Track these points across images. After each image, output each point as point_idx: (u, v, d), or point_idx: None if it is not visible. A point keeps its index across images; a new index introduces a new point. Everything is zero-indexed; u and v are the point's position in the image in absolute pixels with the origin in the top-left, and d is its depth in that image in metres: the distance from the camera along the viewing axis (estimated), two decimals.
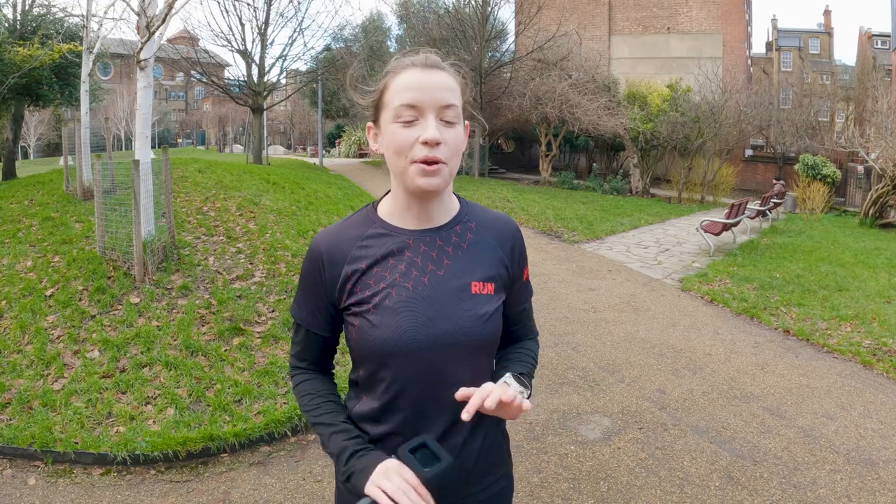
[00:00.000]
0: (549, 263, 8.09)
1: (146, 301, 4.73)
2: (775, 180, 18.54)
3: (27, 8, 12.72)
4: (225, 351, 4.24)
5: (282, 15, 22.24)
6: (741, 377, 4.40)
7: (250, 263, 5.76)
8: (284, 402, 3.67)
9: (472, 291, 1.07)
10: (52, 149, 35.16)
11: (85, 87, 8.27)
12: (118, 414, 3.44)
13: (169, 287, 5.00)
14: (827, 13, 35.69)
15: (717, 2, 23.89)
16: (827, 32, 34.91)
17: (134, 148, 5.95)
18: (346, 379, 1.21)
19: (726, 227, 9.47)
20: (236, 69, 29.61)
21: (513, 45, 22.01)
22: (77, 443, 3.15)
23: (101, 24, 9.92)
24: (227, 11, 21.86)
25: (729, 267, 7.96)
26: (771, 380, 4.37)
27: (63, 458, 3.10)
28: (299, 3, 24.70)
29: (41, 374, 3.83)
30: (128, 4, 5.61)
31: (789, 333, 5.43)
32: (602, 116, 17.07)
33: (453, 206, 1.14)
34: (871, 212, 14.23)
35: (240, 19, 19.71)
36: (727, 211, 9.59)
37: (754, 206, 12.81)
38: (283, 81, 23.23)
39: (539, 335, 1.30)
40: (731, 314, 6.06)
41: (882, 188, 14.05)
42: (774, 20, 34.96)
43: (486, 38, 19.22)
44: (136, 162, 5.10)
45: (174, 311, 4.68)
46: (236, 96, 20.92)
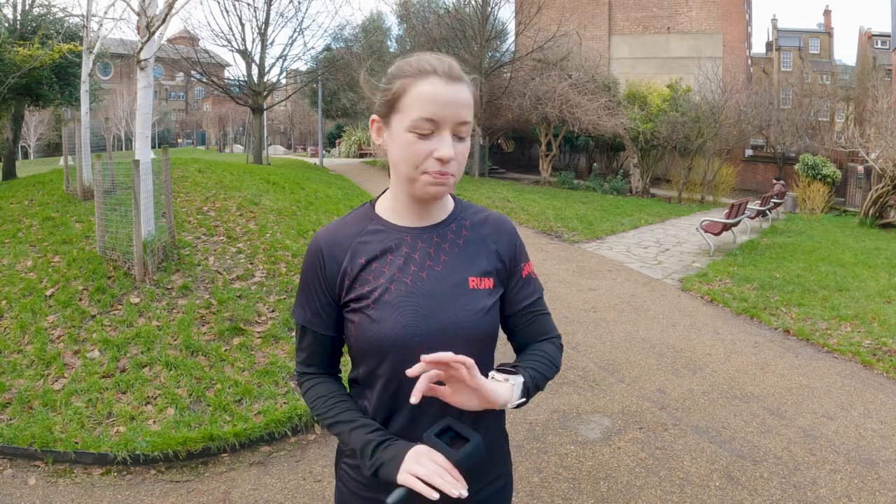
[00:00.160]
0: (549, 263, 8.09)
1: (146, 301, 4.73)
2: (775, 180, 18.55)
3: (27, 8, 12.72)
4: (225, 351, 4.24)
5: (282, 15, 22.27)
6: (741, 377, 4.40)
7: (250, 263, 5.77)
8: (285, 402, 3.67)
9: (470, 286, 1.08)
10: (52, 149, 35.17)
11: (85, 87, 8.27)
12: (118, 414, 3.44)
13: (169, 287, 5.00)
14: (827, 13, 35.70)
15: (717, 2, 23.90)
16: (827, 32, 34.91)
17: (134, 148, 5.95)
18: (347, 380, 1.21)
19: (726, 227, 9.47)
20: (236, 69, 29.65)
21: (513, 45, 22.02)
22: (77, 443, 3.15)
23: (101, 24, 9.95)
24: (227, 11, 21.87)
25: (729, 267, 7.96)
26: (771, 380, 4.37)
27: (63, 457, 3.10)
28: (299, 3, 24.73)
29: (41, 373, 3.83)
30: (128, 4, 5.61)
31: (789, 333, 5.43)
32: (602, 116, 17.08)
33: (448, 205, 1.16)
34: (871, 212, 14.23)
35: (240, 19, 19.73)
36: (727, 211, 9.59)
37: (754, 206, 12.81)
38: (283, 81, 23.23)
39: (561, 337, 1.23)
40: (731, 314, 6.06)
41: (882, 188, 14.06)
42: (774, 20, 34.99)
43: (487, 37, 19.22)
44: (137, 162, 5.10)
45: (174, 311, 4.68)
46: (236, 96, 20.92)
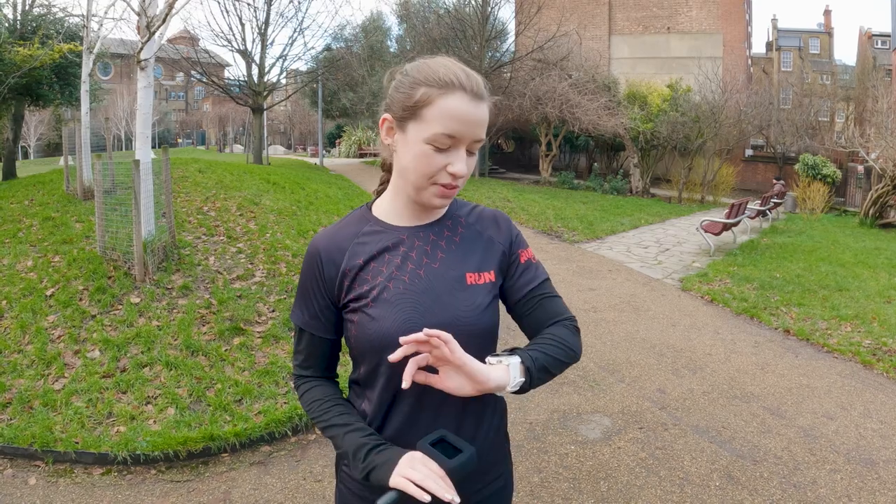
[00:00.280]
0: (549, 263, 8.09)
1: (146, 301, 4.73)
2: (775, 180, 18.55)
3: (27, 8, 12.72)
4: (225, 351, 4.24)
5: (282, 15, 22.31)
6: (741, 377, 4.40)
7: (251, 263, 5.77)
8: (285, 402, 3.67)
9: (468, 282, 1.09)
10: (52, 149, 35.17)
11: (85, 87, 8.27)
12: (119, 414, 3.44)
13: (169, 287, 5.00)
14: (827, 13, 35.70)
15: (717, 2, 23.91)
16: (827, 32, 34.91)
17: (134, 148, 5.95)
18: (347, 381, 1.21)
19: (726, 227, 9.47)
20: (236, 69, 29.67)
21: (513, 45, 22.01)
22: (77, 442, 3.16)
23: (101, 24, 9.97)
24: (227, 11, 21.90)
25: (729, 267, 7.96)
26: (771, 379, 4.37)
27: (64, 457, 3.10)
28: (299, 3, 24.73)
29: (42, 373, 3.83)
30: (128, 4, 5.61)
31: (789, 333, 5.43)
32: (602, 116, 17.08)
33: None
34: (871, 212, 14.23)
35: (240, 19, 19.76)
36: (727, 211, 9.59)
37: (754, 205, 12.82)
38: (284, 81, 23.24)
39: (576, 320, 1.17)
40: (731, 314, 6.06)
41: (882, 188, 14.06)
42: (774, 20, 34.98)
43: (487, 37, 19.22)
44: (137, 162, 5.10)
45: (174, 310, 4.68)
46: (236, 96, 20.92)
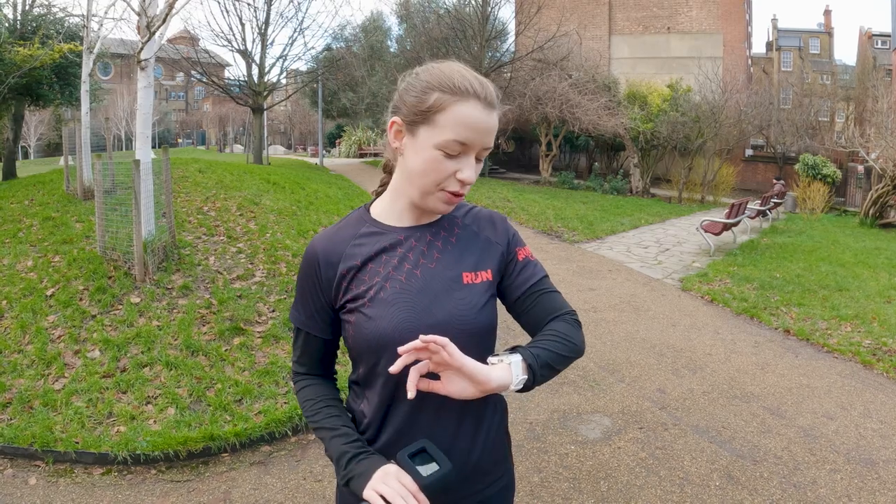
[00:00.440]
0: (549, 263, 8.09)
1: (147, 301, 4.73)
2: (775, 180, 18.54)
3: (27, 8, 12.73)
4: (225, 351, 4.24)
5: (282, 15, 22.35)
6: (741, 377, 4.40)
7: (251, 263, 5.77)
8: (285, 402, 3.67)
9: (464, 282, 1.09)
10: (52, 149, 35.18)
11: (85, 87, 8.27)
12: (119, 413, 3.45)
13: (169, 287, 5.00)
14: (827, 13, 35.69)
15: (717, 2, 23.90)
16: (827, 32, 34.89)
17: (134, 148, 5.95)
18: (347, 382, 1.22)
19: (726, 227, 9.47)
20: (236, 69, 29.69)
21: (513, 45, 22.00)
22: (78, 442, 3.16)
23: (101, 24, 9.98)
24: (227, 11, 21.90)
25: (729, 267, 7.96)
26: (771, 379, 4.37)
27: (64, 457, 3.10)
28: (300, 3, 24.73)
29: (42, 373, 3.83)
30: (128, 4, 5.62)
31: (789, 333, 5.43)
32: (602, 116, 17.08)
33: None
34: (871, 212, 14.23)
35: (240, 19, 19.76)
36: (727, 211, 9.59)
37: (754, 205, 12.81)
38: (284, 81, 23.24)
39: (576, 314, 1.17)
40: (731, 314, 6.06)
41: (882, 188, 14.05)
42: (774, 20, 34.98)
43: (487, 37, 19.21)
44: (137, 162, 5.10)
45: (175, 310, 4.68)
46: (236, 96, 20.92)
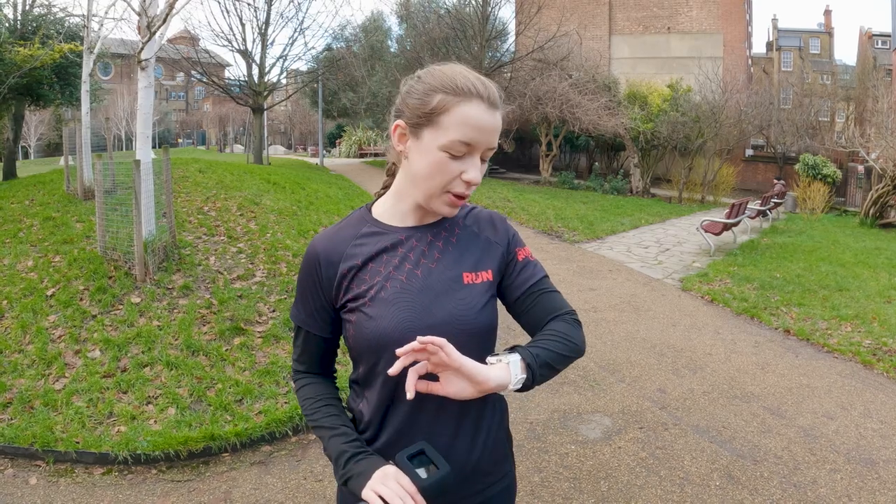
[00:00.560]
0: (549, 263, 8.09)
1: (147, 301, 4.74)
2: (776, 180, 18.53)
3: (28, 8, 12.73)
4: (226, 351, 4.25)
5: (282, 15, 22.38)
6: (741, 377, 4.40)
7: (251, 263, 5.77)
8: (285, 402, 3.67)
9: (465, 282, 1.09)
10: (52, 149, 35.18)
11: (85, 87, 8.27)
12: (119, 413, 3.45)
13: (170, 287, 5.00)
14: (827, 13, 35.70)
15: (717, 1, 23.89)
16: (827, 32, 34.90)
17: (134, 148, 5.95)
18: (348, 381, 1.22)
19: (727, 227, 9.47)
20: (237, 69, 29.72)
21: (513, 45, 21.99)
22: (78, 442, 3.16)
23: (101, 24, 9.98)
24: (227, 11, 21.83)
25: (729, 267, 7.96)
26: (771, 379, 4.37)
27: (64, 457, 3.10)
28: (300, 4, 24.72)
29: (42, 373, 3.84)
30: (129, 4, 5.62)
31: (790, 333, 5.43)
32: (602, 116, 17.08)
33: None
34: (871, 212, 14.22)
35: (240, 19, 19.79)
36: (727, 211, 9.59)
37: (755, 205, 12.81)
38: (284, 81, 23.24)
39: (576, 314, 1.16)
40: (731, 314, 6.06)
41: (882, 188, 14.04)
42: (775, 20, 35.00)
43: (487, 37, 19.21)
44: (137, 162, 5.10)
45: (175, 310, 4.68)
46: (237, 96, 20.92)
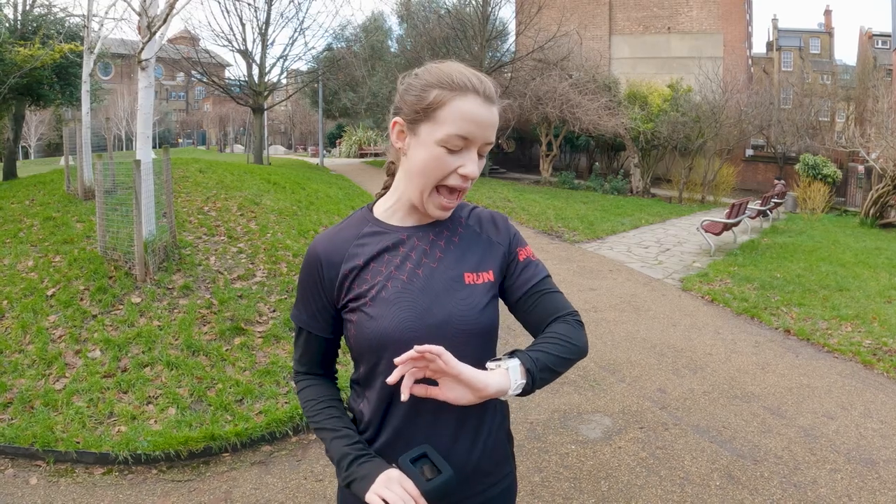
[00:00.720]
0: (549, 263, 8.09)
1: (147, 301, 4.74)
2: (776, 180, 18.52)
3: (28, 8, 12.73)
4: (226, 351, 4.25)
5: (282, 15, 22.38)
6: (742, 377, 4.40)
7: (251, 263, 5.77)
8: (286, 402, 3.67)
9: (466, 282, 1.09)
10: (52, 149, 35.19)
11: (86, 87, 8.27)
12: (120, 413, 3.45)
13: (170, 287, 5.01)
14: (827, 13, 35.69)
15: (717, 1, 23.88)
16: (827, 32, 34.89)
17: (135, 148, 5.95)
18: (349, 381, 1.22)
19: (727, 227, 9.47)
20: (237, 69, 29.74)
21: (513, 45, 21.99)
22: (79, 442, 3.16)
23: (102, 25, 9.98)
24: (227, 11, 21.84)
25: (729, 267, 7.96)
26: (771, 379, 4.37)
27: (65, 457, 3.10)
28: (300, 4, 24.72)
29: (43, 373, 3.84)
30: (129, 5, 5.62)
31: (790, 333, 5.43)
32: (603, 116, 17.07)
33: None
34: (871, 212, 14.21)
35: (240, 19, 19.77)
36: (728, 211, 9.58)
37: (755, 205, 12.80)
38: (284, 81, 23.24)
39: (578, 314, 1.15)
40: (731, 314, 6.06)
41: (882, 188, 14.04)
42: (775, 20, 34.99)
43: (487, 38, 19.21)
44: (138, 162, 5.10)
45: (175, 310, 4.69)
46: (237, 96, 20.92)
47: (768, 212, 13.32)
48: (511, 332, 4.86)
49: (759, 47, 33.85)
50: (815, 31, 34.83)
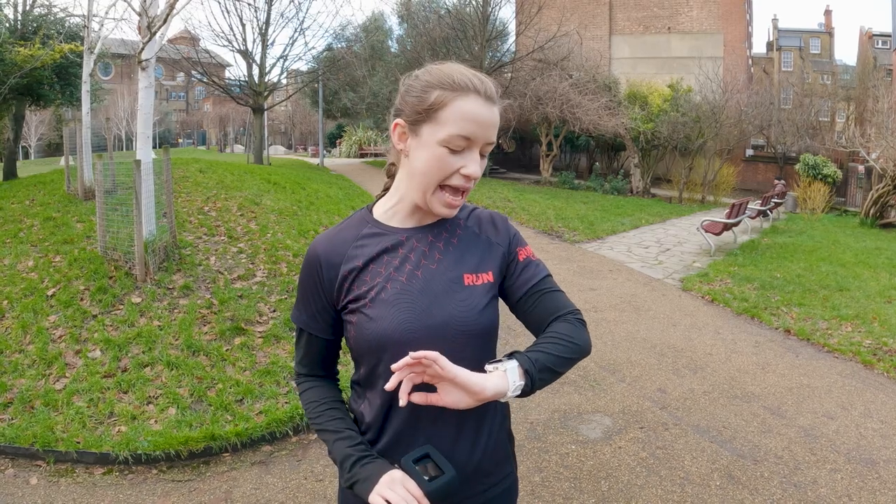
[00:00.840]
0: (549, 263, 8.09)
1: (147, 301, 4.74)
2: (776, 180, 18.52)
3: (28, 8, 12.73)
4: (226, 351, 4.25)
5: (282, 15, 22.39)
6: (742, 377, 4.40)
7: (251, 263, 5.77)
8: (286, 402, 3.67)
9: (465, 283, 1.09)
10: (52, 149, 35.20)
11: (86, 88, 8.28)
12: (120, 413, 3.45)
13: (170, 287, 5.01)
14: (827, 13, 35.70)
15: (717, 1, 23.88)
16: (828, 32, 34.90)
17: (135, 148, 5.96)
18: (349, 383, 1.22)
19: (727, 227, 9.47)
20: (237, 69, 29.73)
21: (513, 45, 22.00)
22: (79, 442, 3.16)
23: (102, 25, 9.98)
24: (227, 12, 21.84)
25: (730, 267, 7.96)
26: (771, 379, 4.37)
27: (65, 457, 3.10)
28: (300, 4, 24.71)
29: (43, 373, 3.84)
30: (129, 5, 5.62)
31: (790, 333, 5.43)
32: (603, 116, 17.07)
33: None
34: (871, 212, 14.21)
35: (241, 19, 19.83)
36: (728, 211, 9.58)
37: (755, 205, 12.80)
38: (284, 81, 23.24)
39: (580, 313, 1.14)
40: (731, 314, 6.06)
41: (883, 188, 14.04)
42: (775, 20, 35.00)
43: (487, 38, 19.21)
44: (138, 162, 5.11)
45: (175, 310, 4.69)
46: (237, 96, 20.93)
47: (768, 212, 13.32)
48: (511, 332, 4.86)
49: (759, 47, 33.88)
50: (815, 31, 34.83)
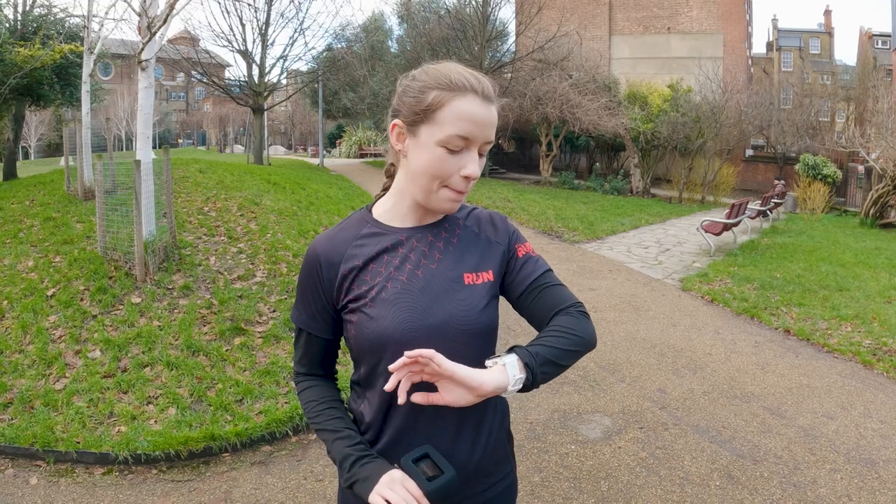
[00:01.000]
0: (550, 263, 8.07)
1: (147, 301, 4.74)
2: (776, 180, 18.52)
3: (28, 8, 12.73)
4: (226, 351, 4.25)
5: (282, 15, 22.36)
6: (741, 377, 4.41)
7: (251, 263, 5.77)
8: (286, 402, 3.67)
9: (465, 283, 1.09)
10: (52, 149, 35.20)
11: (86, 88, 8.28)
12: (120, 413, 3.45)
13: (170, 287, 5.01)
14: (827, 13, 35.70)
15: (717, 2, 23.90)
16: (827, 32, 34.90)
17: (135, 148, 5.96)
18: (349, 382, 1.22)
19: (727, 227, 9.47)
20: (237, 69, 29.72)
21: (513, 46, 22.01)
22: (79, 442, 3.16)
23: (102, 25, 9.97)
24: (227, 12, 21.83)
25: (729, 267, 7.96)
26: (771, 379, 4.37)
27: (65, 457, 3.11)
28: (300, 4, 24.71)
29: (43, 373, 3.84)
30: (129, 5, 5.62)
31: (790, 333, 5.43)
32: (602, 116, 17.08)
33: None
34: (871, 212, 14.22)
35: (240, 20, 19.83)
36: (728, 211, 9.59)
37: (755, 206, 12.80)
38: (284, 81, 23.24)
39: (583, 305, 1.13)
40: (731, 314, 6.06)
41: (882, 188, 14.04)
42: (775, 20, 34.99)
43: (487, 38, 19.22)
44: (138, 162, 5.11)
45: (175, 310, 4.69)
46: (237, 96, 20.93)
47: (768, 212, 13.32)
48: (511, 332, 4.87)
49: (759, 47, 33.91)
50: (815, 32, 34.83)
